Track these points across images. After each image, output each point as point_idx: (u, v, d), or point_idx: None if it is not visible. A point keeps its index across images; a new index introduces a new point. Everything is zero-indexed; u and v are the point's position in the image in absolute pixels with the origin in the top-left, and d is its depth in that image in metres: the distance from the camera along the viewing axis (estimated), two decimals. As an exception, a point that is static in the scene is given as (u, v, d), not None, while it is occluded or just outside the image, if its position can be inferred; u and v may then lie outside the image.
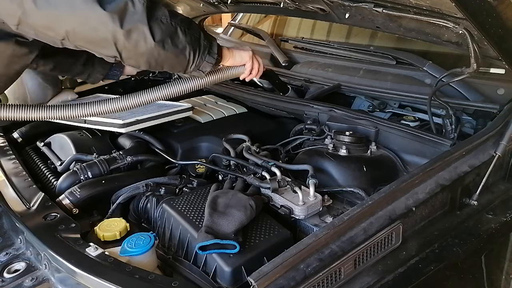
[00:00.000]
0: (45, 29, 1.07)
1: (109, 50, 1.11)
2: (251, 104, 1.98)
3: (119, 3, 1.05)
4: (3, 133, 1.73)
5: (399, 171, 1.43)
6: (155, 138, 1.63)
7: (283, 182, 1.24)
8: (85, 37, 1.09)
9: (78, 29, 1.06)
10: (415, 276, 1.02)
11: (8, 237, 1.23)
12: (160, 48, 1.11)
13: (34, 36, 1.12)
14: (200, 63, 1.23)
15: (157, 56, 1.14)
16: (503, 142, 1.28)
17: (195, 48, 1.20)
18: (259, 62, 1.44)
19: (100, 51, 1.13)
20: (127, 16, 1.05)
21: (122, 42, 1.08)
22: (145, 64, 1.16)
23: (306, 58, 2.23)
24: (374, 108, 1.87)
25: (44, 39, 1.12)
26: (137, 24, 1.06)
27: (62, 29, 1.06)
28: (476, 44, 1.26)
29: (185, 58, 1.19)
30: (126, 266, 0.99)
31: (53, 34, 1.08)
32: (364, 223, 1.01)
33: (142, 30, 1.07)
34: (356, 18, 1.58)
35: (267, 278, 0.84)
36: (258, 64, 1.44)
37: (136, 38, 1.08)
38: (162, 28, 1.11)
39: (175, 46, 1.15)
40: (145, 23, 1.07)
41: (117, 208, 1.32)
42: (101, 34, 1.06)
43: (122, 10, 1.05)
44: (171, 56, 1.16)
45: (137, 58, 1.14)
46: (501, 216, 1.24)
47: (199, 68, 1.25)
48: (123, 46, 1.09)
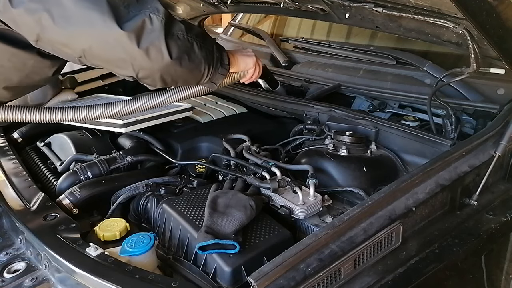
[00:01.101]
0: (62, 46, 1.06)
1: (126, 70, 1.10)
2: (251, 104, 1.98)
3: (137, 21, 1.02)
4: (3, 133, 1.73)
5: (399, 171, 1.43)
6: (155, 138, 1.63)
7: (283, 182, 1.24)
8: (102, 56, 1.07)
9: (94, 48, 1.05)
10: (415, 276, 1.02)
11: (8, 237, 1.23)
12: (177, 65, 1.09)
13: (52, 52, 1.11)
14: (213, 75, 1.21)
15: (173, 73, 1.12)
16: (503, 142, 1.28)
17: (210, 61, 1.18)
18: (260, 65, 1.44)
19: (117, 71, 1.12)
20: (145, 34, 1.03)
21: (139, 62, 1.06)
22: (161, 82, 1.14)
23: (306, 58, 2.23)
24: (374, 108, 1.87)
25: (62, 56, 1.12)
26: (154, 42, 1.04)
27: (79, 47, 1.05)
28: (476, 44, 1.26)
29: (200, 73, 1.17)
30: (126, 266, 0.99)
31: (70, 52, 1.07)
32: (364, 223, 1.01)
33: (159, 48, 1.04)
34: (356, 18, 1.58)
35: (267, 278, 0.84)
36: (259, 68, 1.44)
37: (153, 57, 1.05)
38: (179, 45, 1.08)
39: (191, 62, 1.12)
40: (163, 41, 1.04)
41: (117, 208, 1.32)
42: (118, 54, 1.05)
43: (140, 28, 1.02)
44: (186, 72, 1.14)
45: (153, 77, 1.11)
46: (501, 216, 1.24)
47: (212, 80, 1.24)
48: (140, 66, 1.07)
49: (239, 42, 2.65)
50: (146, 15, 1.02)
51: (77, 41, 1.04)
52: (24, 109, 1.22)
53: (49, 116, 1.22)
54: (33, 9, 0.99)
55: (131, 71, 1.09)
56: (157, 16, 1.03)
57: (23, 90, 1.34)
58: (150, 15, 1.03)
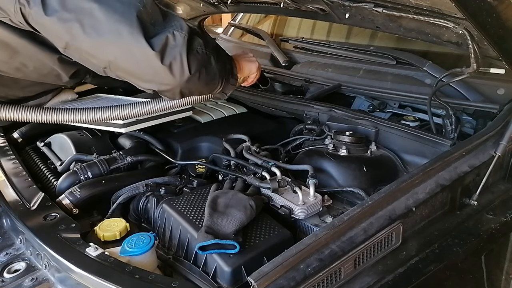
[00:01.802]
0: (90, 56, 1.10)
1: (148, 84, 1.14)
2: (251, 104, 1.98)
3: (161, 38, 1.07)
4: (3, 133, 1.73)
5: (399, 171, 1.43)
6: (155, 138, 1.63)
7: (283, 182, 1.24)
8: (126, 69, 1.11)
9: (120, 60, 1.09)
10: (415, 276, 1.02)
11: (8, 237, 1.23)
12: (195, 79, 1.13)
13: (79, 60, 1.15)
14: (225, 86, 1.27)
15: (191, 87, 1.16)
16: (503, 142, 1.28)
17: (223, 74, 1.24)
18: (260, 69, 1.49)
19: (140, 84, 1.16)
20: (168, 49, 1.07)
21: (161, 78, 1.10)
22: (179, 95, 1.19)
23: (306, 58, 2.23)
24: (374, 108, 1.87)
25: (88, 65, 1.16)
26: (176, 57, 1.08)
27: (106, 58, 1.09)
28: (476, 44, 1.26)
29: (214, 85, 1.23)
30: (126, 266, 0.99)
31: (96, 62, 1.11)
32: (364, 223, 1.01)
33: (181, 63, 1.09)
34: (356, 18, 1.58)
35: (267, 278, 0.84)
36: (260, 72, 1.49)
37: (175, 72, 1.09)
38: (198, 59, 1.13)
39: (208, 75, 1.17)
40: (184, 56, 1.09)
41: (117, 208, 1.32)
42: (142, 68, 1.09)
43: (164, 44, 1.07)
44: (203, 85, 1.19)
45: (174, 91, 1.16)
46: (501, 216, 1.24)
47: (224, 91, 1.30)
48: (162, 81, 1.12)
49: (239, 42, 2.65)
50: (170, 32, 1.08)
51: (105, 52, 1.08)
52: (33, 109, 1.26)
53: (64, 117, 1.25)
54: (66, 18, 1.03)
55: (153, 85, 1.14)
56: (180, 33, 1.09)
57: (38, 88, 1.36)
58: (174, 32, 1.08)
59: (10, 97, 1.34)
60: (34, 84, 1.37)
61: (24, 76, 1.28)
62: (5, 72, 1.25)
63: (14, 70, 1.25)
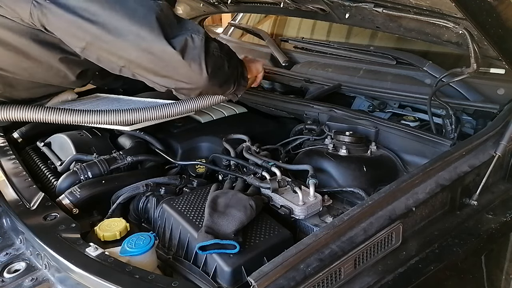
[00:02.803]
0: (110, 55, 1.15)
1: (166, 81, 1.20)
2: (251, 104, 1.98)
3: (181, 39, 1.13)
4: (3, 133, 1.73)
5: (399, 171, 1.43)
6: (155, 138, 1.63)
7: (283, 182, 1.24)
8: (147, 67, 1.16)
9: (141, 59, 1.14)
10: (415, 276, 1.02)
11: (8, 237, 1.23)
12: (211, 79, 1.20)
13: (96, 60, 1.19)
14: (237, 88, 1.36)
15: (207, 87, 1.23)
16: (503, 142, 1.28)
17: (235, 76, 1.33)
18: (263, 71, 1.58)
19: (157, 81, 1.21)
20: (188, 50, 1.13)
21: (180, 74, 1.17)
22: (195, 94, 1.27)
23: (306, 58, 2.23)
24: (374, 108, 1.87)
25: (104, 64, 1.20)
26: (196, 58, 1.15)
27: (125, 57, 1.14)
28: (476, 44, 1.26)
29: (228, 87, 1.32)
30: (126, 266, 0.99)
31: (115, 60, 1.15)
32: (364, 223, 1.01)
33: (199, 63, 1.15)
34: (356, 18, 1.58)
35: (267, 278, 0.84)
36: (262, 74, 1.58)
37: (193, 70, 1.16)
38: (214, 61, 1.19)
39: (222, 76, 1.25)
40: (203, 57, 1.15)
41: (117, 208, 1.32)
42: (163, 66, 1.15)
43: (184, 45, 1.13)
44: (217, 86, 1.27)
45: (190, 89, 1.23)
46: (501, 216, 1.24)
47: (235, 92, 1.39)
48: (180, 78, 1.18)
49: (239, 42, 2.65)
50: (188, 35, 1.15)
51: (126, 52, 1.13)
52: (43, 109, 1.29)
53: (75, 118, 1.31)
54: (88, 19, 1.08)
55: (171, 82, 1.21)
56: (198, 36, 1.16)
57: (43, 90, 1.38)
58: (192, 35, 1.15)
59: (14, 98, 1.34)
60: (39, 86, 1.38)
61: (30, 76, 1.30)
62: (12, 73, 1.26)
63: (21, 71, 1.26)
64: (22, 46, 1.19)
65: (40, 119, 1.29)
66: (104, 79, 1.77)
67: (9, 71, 1.25)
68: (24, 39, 1.18)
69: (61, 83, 1.38)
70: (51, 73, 1.29)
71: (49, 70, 1.27)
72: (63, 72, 1.30)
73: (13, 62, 1.23)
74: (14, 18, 1.13)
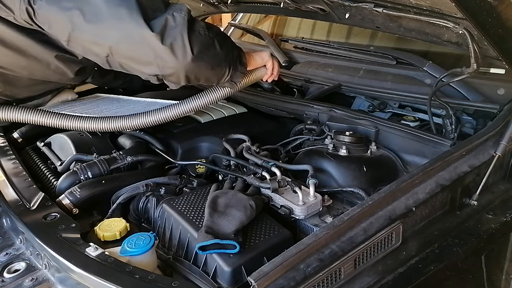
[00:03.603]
0: (92, 44, 1.11)
1: (151, 68, 1.13)
2: (251, 104, 1.98)
3: (161, 20, 1.07)
4: (3, 133, 1.73)
5: (399, 171, 1.43)
6: (155, 138, 1.63)
7: (283, 182, 1.24)
8: (128, 54, 1.12)
9: (121, 44, 1.09)
10: (415, 276, 1.02)
11: (8, 237, 1.23)
12: (199, 61, 1.12)
13: (82, 52, 1.17)
14: (233, 74, 1.26)
15: (196, 70, 1.15)
16: (503, 142, 1.28)
17: (230, 59, 1.23)
18: (275, 60, 1.47)
19: (142, 69, 1.16)
20: (168, 30, 1.07)
21: (163, 59, 1.10)
22: (185, 79, 1.17)
23: (306, 58, 2.23)
24: (374, 108, 1.87)
25: (91, 56, 1.17)
26: (177, 37, 1.08)
27: (107, 43, 1.09)
28: (476, 44, 1.26)
29: (221, 70, 1.22)
30: (126, 266, 0.99)
31: (98, 50, 1.12)
32: (364, 223, 1.01)
33: (182, 43, 1.08)
34: (356, 18, 1.58)
35: (267, 278, 0.84)
36: (276, 62, 1.47)
37: (176, 52, 1.09)
38: (201, 40, 1.12)
39: (212, 58, 1.16)
40: (186, 35, 1.08)
41: (117, 208, 1.32)
42: (143, 51, 1.09)
43: (163, 26, 1.07)
44: (209, 69, 1.18)
45: (177, 74, 1.15)
46: (501, 216, 1.24)
47: (232, 79, 1.28)
48: (164, 63, 1.11)
49: (239, 42, 2.65)
50: (170, 14, 1.08)
51: (105, 37, 1.08)
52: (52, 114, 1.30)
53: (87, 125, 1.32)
54: (67, 7, 1.06)
55: (155, 68, 1.13)
56: (180, 14, 1.09)
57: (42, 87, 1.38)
58: (174, 14, 1.09)
59: (15, 96, 1.35)
60: (39, 83, 1.38)
61: (30, 74, 1.30)
62: (12, 71, 1.27)
63: (21, 69, 1.27)
64: (20, 45, 1.19)
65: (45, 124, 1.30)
66: (103, 77, 1.76)
67: (9, 69, 1.26)
68: (21, 38, 1.18)
69: (60, 80, 1.38)
70: (50, 70, 1.29)
71: (47, 68, 1.27)
72: (62, 69, 1.30)
73: (12, 60, 1.24)
74: (9, 18, 1.13)
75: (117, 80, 1.88)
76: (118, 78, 1.87)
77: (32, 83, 1.35)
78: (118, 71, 1.69)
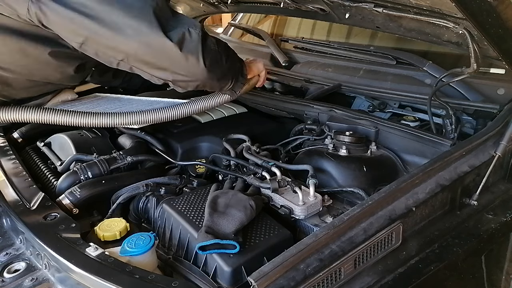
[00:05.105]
0: (108, 50, 1.16)
1: (163, 73, 1.22)
2: (251, 104, 1.98)
3: (178, 32, 1.15)
4: (3, 133, 1.73)
5: (399, 171, 1.43)
6: (155, 138, 1.63)
7: (283, 182, 1.24)
8: (145, 60, 1.18)
9: (140, 53, 1.16)
10: (415, 276, 1.02)
11: (8, 237, 1.23)
12: (208, 73, 1.22)
13: (94, 55, 1.21)
14: (235, 84, 1.39)
15: (204, 80, 1.26)
16: (503, 142, 1.28)
17: (233, 72, 1.36)
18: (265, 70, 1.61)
19: (154, 73, 1.23)
20: (185, 43, 1.16)
21: (178, 66, 1.19)
22: (192, 87, 1.29)
23: (306, 58, 2.23)
24: (374, 108, 1.87)
25: (102, 59, 1.21)
26: (193, 51, 1.17)
27: (124, 51, 1.15)
28: (476, 44, 1.26)
29: (225, 82, 1.35)
30: (126, 266, 0.99)
31: (114, 54, 1.17)
32: (364, 223, 1.01)
33: (197, 56, 1.18)
34: (356, 18, 1.58)
35: (267, 278, 0.84)
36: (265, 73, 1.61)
37: (190, 63, 1.18)
38: (211, 55, 1.23)
39: (219, 70, 1.28)
40: (200, 50, 1.18)
41: (117, 208, 1.32)
42: (160, 58, 1.17)
43: (181, 38, 1.15)
44: (215, 80, 1.29)
45: (187, 82, 1.26)
46: (501, 216, 1.24)
47: (233, 89, 1.42)
48: (178, 70, 1.20)
49: (239, 42, 2.65)
50: (186, 29, 1.17)
51: (124, 46, 1.14)
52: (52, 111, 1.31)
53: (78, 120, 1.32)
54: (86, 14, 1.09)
55: (168, 74, 1.23)
56: (195, 30, 1.19)
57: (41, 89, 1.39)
58: (189, 29, 1.18)
59: (13, 97, 1.35)
60: (38, 85, 1.38)
61: (30, 74, 1.30)
62: (12, 71, 1.27)
63: (21, 68, 1.27)
64: (19, 43, 1.19)
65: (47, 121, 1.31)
66: (102, 75, 1.77)
67: (9, 69, 1.26)
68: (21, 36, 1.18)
69: (60, 80, 1.39)
70: (50, 68, 1.29)
71: (47, 66, 1.28)
72: (61, 66, 1.30)
73: (12, 59, 1.24)
74: (11, 15, 1.13)
75: (116, 79, 1.89)
76: (118, 76, 1.87)
77: (30, 85, 1.35)
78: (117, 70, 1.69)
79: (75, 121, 1.31)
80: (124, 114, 1.36)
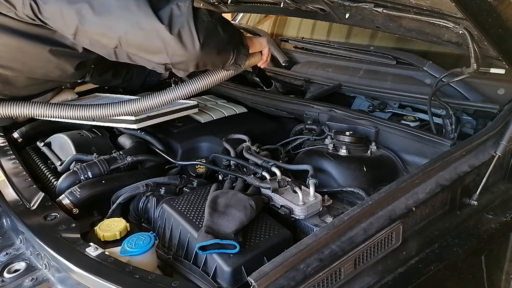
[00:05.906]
0: (100, 36, 1.13)
1: (160, 57, 1.17)
2: (251, 104, 1.98)
3: (167, 10, 1.11)
4: (3, 133, 1.73)
5: (399, 171, 1.43)
6: (155, 138, 1.63)
7: (283, 182, 1.24)
8: (138, 43, 1.14)
9: (130, 34, 1.12)
10: (415, 276, 1.02)
11: (8, 237, 1.23)
12: (206, 47, 1.16)
13: (89, 45, 1.18)
14: (237, 57, 1.29)
15: (205, 57, 1.18)
16: (503, 142, 1.28)
17: (233, 43, 1.26)
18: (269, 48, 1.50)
19: (151, 58, 1.19)
20: (174, 19, 1.11)
21: (172, 48, 1.13)
22: (193, 67, 1.21)
23: (306, 58, 2.24)
24: (374, 108, 1.87)
25: (98, 49, 1.19)
26: (184, 25, 1.11)
27: (116, 35, 1.12)
28: (476, 44, 1.26)
29: (226, 55, 1.25)
30: (126, 266, 0.99)
31: (107, 41, 1.14)
32: (364, 223, 1.01)
33: (189, 31, 1.12)
34: (356, 18, 1.58)
35: (267, 278, 0.84)
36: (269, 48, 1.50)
37: (185, 41, 1.12)
38: (205, 27, 1.15)
39: (217, 43, 1.20)
40: (192, 24, 1.12)
41: (117, 208, 1.32)
42: (152, 40, 1.12)
43: (170, 15, 1.10)
44: (215, 54, 1.21)
45: (187, 62, 1.18)
46: (501, 216, 1.24)
47: (237, 62, 1.31)
48: (173, 52, 1.14)
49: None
50: (174, 4, 1.11)
51: (115, 28, 1.11)
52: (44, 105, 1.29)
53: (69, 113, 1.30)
54: (74, 0, 1.07)
55: (165, 57, 1.16)
56: (184, 3, 1.12)
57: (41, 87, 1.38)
58: (178, 4, 1.12)
59: (13, 95, 1.35)
60: (38, 83, 1.38)
61: (31, 71, 1.30)
62: (13, 69, 1.27)
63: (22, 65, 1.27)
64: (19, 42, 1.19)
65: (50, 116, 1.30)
66: (101, 75, 1.76)
67: (10, 67, 1.26)
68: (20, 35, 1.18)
69: (60, 77, 1.38)
70: (50, 66, 1.29)
71: (48, 63, 1.27)
72: (61, 64, 1.30)
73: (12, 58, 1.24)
74: (8, 13, 1.13)
75: (116, 78, 1.88)
76: (117, 76, 1.87)
77: (30, 83, 1.35)
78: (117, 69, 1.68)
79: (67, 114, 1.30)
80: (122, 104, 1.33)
